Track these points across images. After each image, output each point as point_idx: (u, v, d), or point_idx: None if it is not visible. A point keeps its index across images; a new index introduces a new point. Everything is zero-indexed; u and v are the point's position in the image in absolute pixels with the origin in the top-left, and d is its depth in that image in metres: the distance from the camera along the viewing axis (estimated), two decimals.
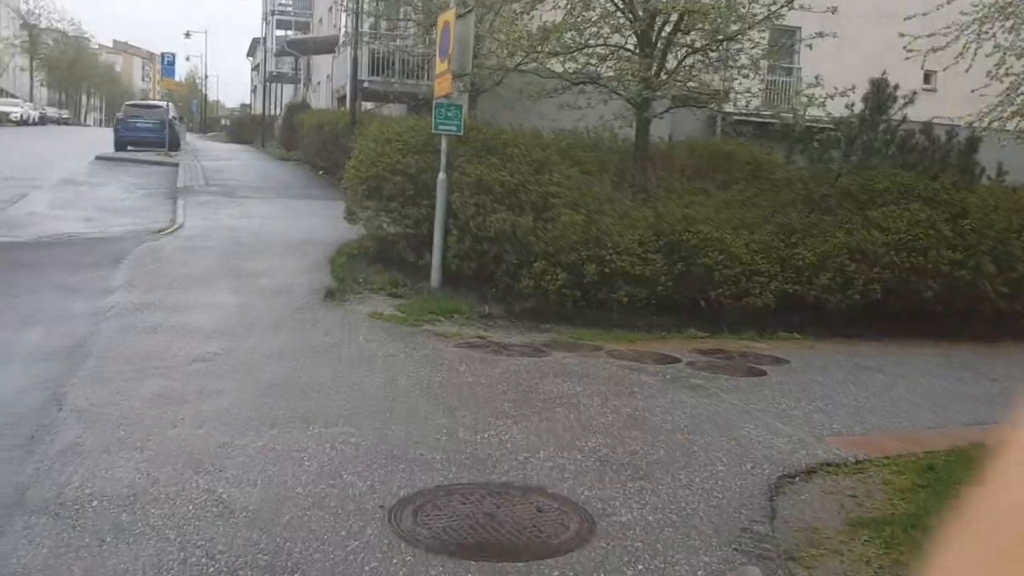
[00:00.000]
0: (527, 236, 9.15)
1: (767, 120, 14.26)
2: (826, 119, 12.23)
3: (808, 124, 12.44)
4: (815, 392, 6.92)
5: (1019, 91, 11.98)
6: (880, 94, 12.40)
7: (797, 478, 4.79)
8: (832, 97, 11.22)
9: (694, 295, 9.62)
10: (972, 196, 11.53)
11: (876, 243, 10.28)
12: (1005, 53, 11.80)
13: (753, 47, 11.81)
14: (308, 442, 4.72)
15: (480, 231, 9.30)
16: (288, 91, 48.88)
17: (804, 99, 11.58)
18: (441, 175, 9.66)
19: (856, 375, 7.85)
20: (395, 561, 3.42)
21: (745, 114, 13.91)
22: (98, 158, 23.26)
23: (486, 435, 5.05)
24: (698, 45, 11.51)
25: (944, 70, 12.37)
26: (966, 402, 7.09)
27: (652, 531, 3.84)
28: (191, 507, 3.79)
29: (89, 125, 75.64)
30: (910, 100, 12.36)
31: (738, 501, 4.30)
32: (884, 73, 12.38)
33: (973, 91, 11.94)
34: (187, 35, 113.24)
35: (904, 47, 11.61)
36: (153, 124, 26.33)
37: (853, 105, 12.14)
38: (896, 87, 12.35)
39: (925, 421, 6.34)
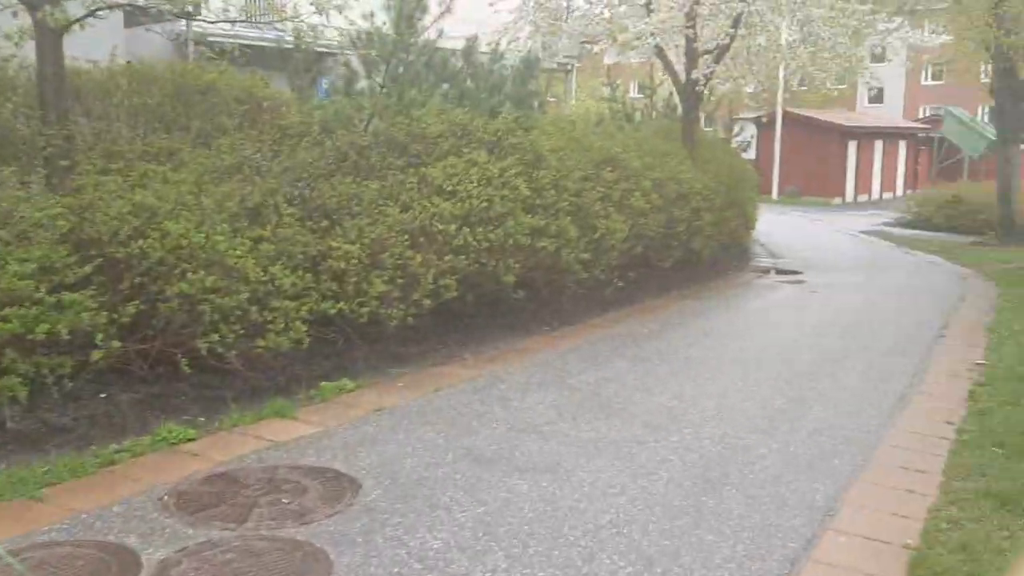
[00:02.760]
0: None
1: (264, 44, 10.09)
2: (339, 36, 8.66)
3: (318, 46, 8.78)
4: None
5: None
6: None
7: None
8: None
9: (170, 351, 5.30)
10: (543, 137, 8.77)
11: (445, 218, 6.92)
12: None
13: None
14: None
15: None
16: None
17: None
18: None
19: (484, 499, 4.36)
20: None
21: (225, 33, 9.45)
22: None
23: None
24: None
25: None
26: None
27: None
28: None
29: None
30: (448, 9, 9.16)
31: None
32: None
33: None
34: None
35: None
36: None
37: (373, 15, 8.67)
38: None
39: None
